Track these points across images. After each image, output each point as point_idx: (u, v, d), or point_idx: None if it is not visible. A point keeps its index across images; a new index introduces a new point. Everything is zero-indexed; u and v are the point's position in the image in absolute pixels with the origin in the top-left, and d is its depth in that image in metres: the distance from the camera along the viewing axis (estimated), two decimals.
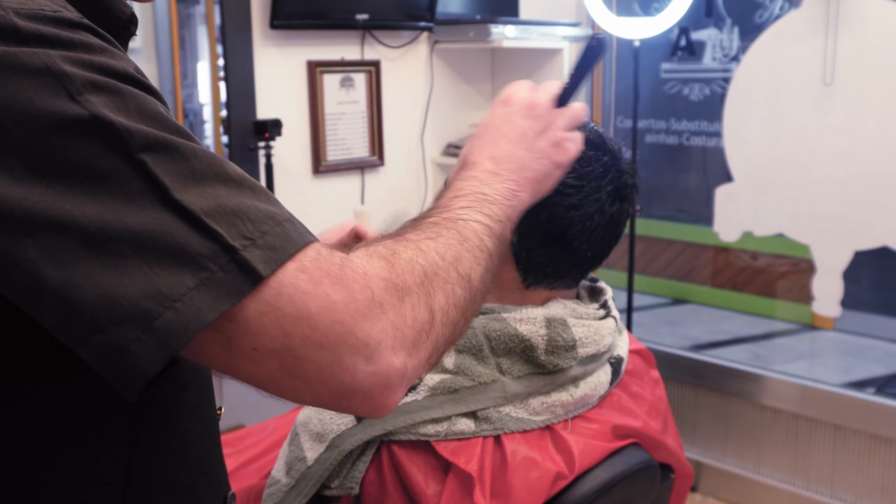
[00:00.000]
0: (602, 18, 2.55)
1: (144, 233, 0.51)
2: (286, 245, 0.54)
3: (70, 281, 0.50)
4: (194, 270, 0.51)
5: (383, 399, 0.57)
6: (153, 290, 0.50)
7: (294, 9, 2.33)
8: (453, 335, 0.65)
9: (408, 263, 0.61)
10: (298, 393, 0.56)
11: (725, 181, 2.68)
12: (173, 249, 0.51)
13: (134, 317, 0.50)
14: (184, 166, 0.53)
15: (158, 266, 0.51)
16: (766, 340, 3.21)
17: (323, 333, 0.54)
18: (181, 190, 0.52)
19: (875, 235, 2.36)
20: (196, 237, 0.52)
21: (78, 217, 0.50)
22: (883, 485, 2.38)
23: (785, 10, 2.58)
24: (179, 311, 0.51)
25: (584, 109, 0.93)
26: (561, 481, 0.96)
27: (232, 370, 0.55)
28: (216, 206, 0.53)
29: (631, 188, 1.06)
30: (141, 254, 0.51)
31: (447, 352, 0.66)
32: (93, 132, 0.51)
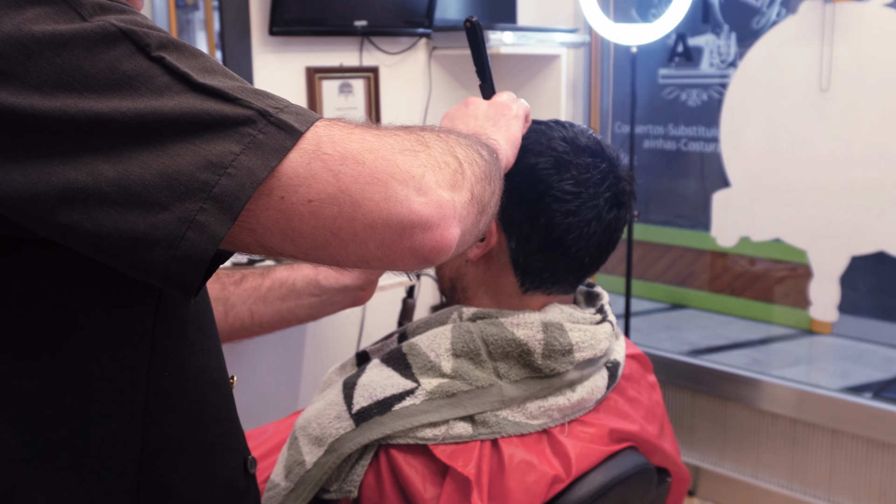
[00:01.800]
0: (599, 24, 2.56)
1: (182, 116, 0.54)
2: (309, 113, 0.58)
3: (127, 170, 0.52)
4: (237, 137, 0.54)
5: (442, 231, 0.58)
6: (204, 162, 0.53)
7: (293, 15, 2.34)
8: (485, 193, 0.66)
9: (420, 132, 0.64)
10: (361, 241, 0.57)
11: (723, 186, 2.69)
12: (213, 123, 0.54)
13: (193, 189, 0.53)
14: (197, 62, 0.56)
15: (202, 141, 0.53)
16: (764, 345, 3.22)
17: (370, 168, 0.56)
18: (202, 77, 0.55)
19: (872, 240, 2.37)
20: (231, 108, 0.55)
21: (116, 116, 0.53)
22: (881, 489, 2.39)
23: (782, 16, 2.60)
24: (233, 175, 0.53)
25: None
26: (558, 485, 0.97)
27: (291, 236, 0.56)
28: (238, 86, 0.56)
29: (628, 195, 1.07)
30: (184, 135, 0.53)
31: (487, 209, 0.68)
32: (112, 40, 0.54)
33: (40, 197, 0.52)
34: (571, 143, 1.04)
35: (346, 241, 0.57)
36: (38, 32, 0.53)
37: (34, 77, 0.52)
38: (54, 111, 0.52)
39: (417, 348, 1.01)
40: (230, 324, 1.08)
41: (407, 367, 1.00)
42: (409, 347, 1.02)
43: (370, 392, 0.98)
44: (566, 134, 1.05)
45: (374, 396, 0.98)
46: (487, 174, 0.68)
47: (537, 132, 1.06)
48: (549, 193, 1.02)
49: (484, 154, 0.70)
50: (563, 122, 1.09)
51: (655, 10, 2.91)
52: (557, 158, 1.03)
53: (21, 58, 0.52)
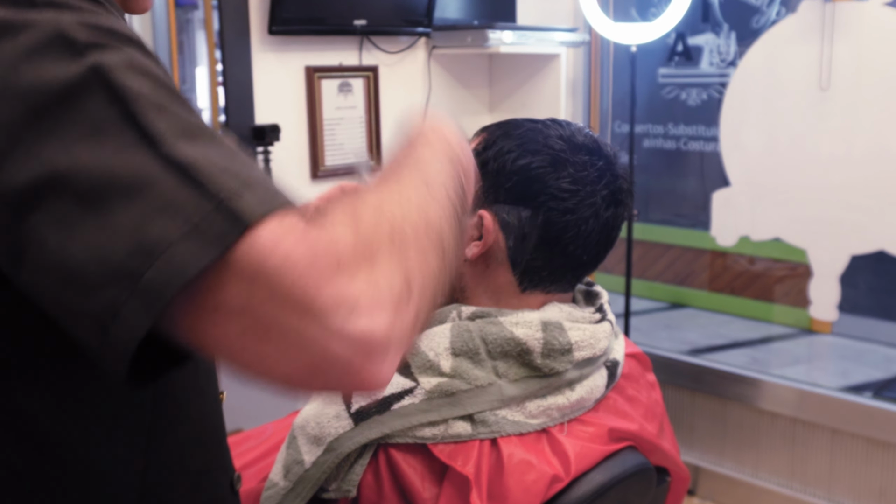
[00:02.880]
0: (599, 24, 2.56)
1: (134, 184, 0.49)
2: (275, 199, 0.51)
3: (65, 243, 0.49)
4: (179, 222, 0.49)
5: (365, 370, 0.50)
6: (138, 245, 0.48)
7: (292, 14, 2.34)
8: (434, 294, 0.58)
9: (373, 226, 0.54)
10: (270, 365, 0.50)
11: (722, 186, 2.69)
12: (160, 200, 0.49)
13: (121, 276, 0.48)
14: (176, 124, 0.52)
15: (145, 218, 0.49)
16: (764, 344, 3.22)
17: (287, 291, 0.48)
18: (173, 143, 0.51)
19: (871, 239, 2.37)
20: (186, 188, 0.50)
21: (71, 170, 0.50)
22: (881, 488, 2.39)
23: (781, 15, 2.59)
24: (161, 269, 0.48)
25: None
26: (557, 484, 0.97)
27: (199, 336, 0.51)
28: (205, 158, 0.51)
29: (626, 193, 1.07)
30: (129, 206, 0.49)
31: (426, 319, 0.58)
32: (93, 87, 0.52)
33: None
34: (568, 141, 1.04)
35: (253, 360, 0.51)
36: (23, 67, 0.51)
37: (4, 111, 0.51)
38: (15, 147, 0.50)
39: (416, 347, 1.01)
40: None
41: (405, 366, 1.00)
42: None
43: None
44: (563, 132, 1.05)
45: (373, 395, 0.98)
46: (450, 242, 0.60)
47: (534, 130, 1.06)
48: (545, 192, 1.01)
49: (450, 215, 0.62)
50: (560, 121, 1.08)
51: (655, 10, 2.91)
52: (554, 157, 1.02)
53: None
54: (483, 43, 2.51)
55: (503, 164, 1.04)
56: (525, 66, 2.82)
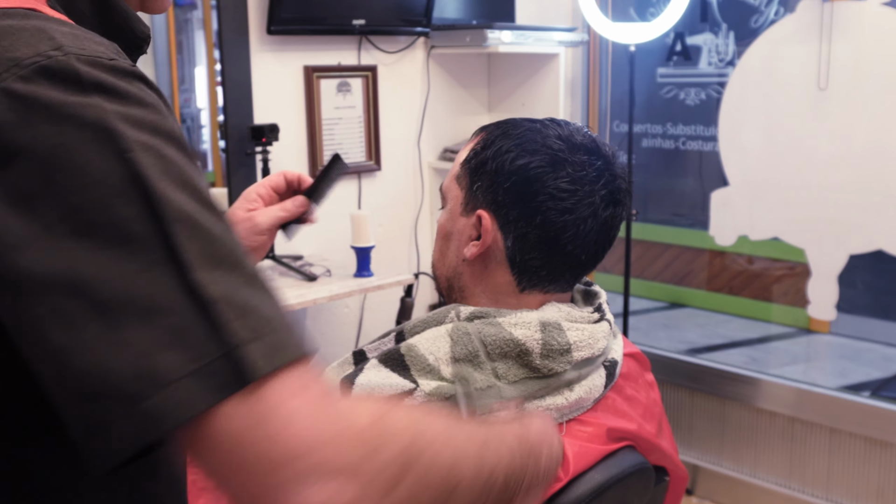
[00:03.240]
0: (598, 23, 2.56)
1: (153, 307, 0.50)
2: (286, 349, 0.52)
3: (70, 346, 0.50)
4: (188, 357, 0.50)
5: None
6: (144, 371, 0.49)
7: (291, 14, 2.34)
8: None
9: (395, 436, 0.54)
10: (239, 496, 0.51)
11: (721, 185, 2.69)
12: (174, 331, 0.50)
13: (120, 397, 0.49)
14: (207, 247, 0.53)
15: (156, 345, 0.50)
16: (762, 344, 3.22)
17: (286, 452, 0.50)
18: (200, 269, 0.52)
19: (869, 239, 2.37)
20: (203, 324, 0.51)
21: (93, 277, 0.50)
22: (879, 488, 2.39)
23: (780, 15, 2.60)
24: (164, 399, 0.49)
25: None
26: (555, 484, 0.97)
27: (183, 450, 0.52)
28: (229, 295, 0.52)
29: (624, 192, 1.07)
30: (143, 328, 0.50)
31: None
32: (131, 194, 0.52)
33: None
34: (567, 140, 1.04)
35: (222, 486, 0.51)
36: (65, 161, 0.51)
37: (42, 203, 0.51)
38: (41, 244, 0.51)
39: (416, 350, 1.01)
40: None
41: (405, 368, 1.00)
42: (408, 348, 1.02)
43: (368, 392, 0.98)
44: (561, 132, 1.05)
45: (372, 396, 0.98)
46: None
47: (532, 130, 1.06)
48: (544, 191, 1.02)
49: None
50: (559, 120, 1.09)
51: (654, 9, 2.91)
52: (553, 156, 1.03)
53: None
54: (482, 43, 2.51)
55: (502, 163, 1.04)
56: (524, 66, 2.82)
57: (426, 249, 2.81)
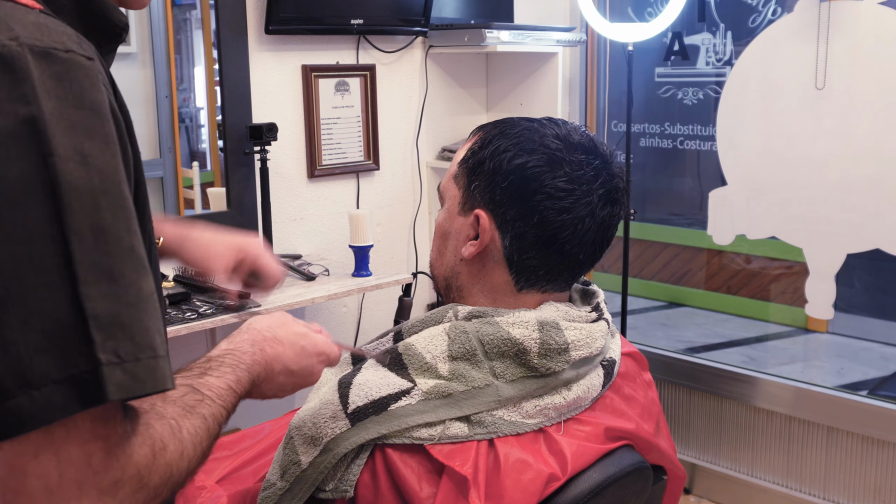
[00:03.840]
0: (596, 23, 2.56)
1: (36, 313, 0.53)
2: (149, 380, 0.57)
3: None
4: (62, 366, 0.53)
5: None
6: (19, 371, 0.52)
7: (289, 14, 2.34)
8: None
9: (165, 467, 0.63)
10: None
11: (719, 184, 2.69)
12: (54, 338, 0.53)
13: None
14: (105, 261, 0.56)
15: (34, 347, 0.53)
16: (760, 343, 3.22)
17: (61, 484, 0.55)
18: (90, 284, 0.55)
19: (867, 238, 2.38)
20: (77, 337, 0.54)
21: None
22: (876, 486, 2.40)
23: (778, 14, 2.60)
24: (35, 399, 0.53)
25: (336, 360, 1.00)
26: (554, 483, 0.97)
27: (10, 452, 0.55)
28: (110, 314, 0.55)
29: (622, 192, 1.07)
30: (25, 331, 0.53)
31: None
32: (43, 197, 0.54)
33: None
34: (564, 140, 1.04)
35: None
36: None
37: None
38: None
39: (413, 349, 1.01)
40: None
41: (403, 367, 1.00)
42: (405, 348, 1.02)
43: (366, 391, 0.98)
44: (559, 131, 1.05)
45: (370, 396, 0.98)
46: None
47: (530, 130, 1.06)
48: (542, 191, 1.02)
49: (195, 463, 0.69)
50: (556, 120, 1.09)
51: (651, 9, 2.91)
52: (550, 156, 1.03)
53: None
54: (480, 42, 2.51)
55: (499, 163, 1.04)
56: (522, 66, 2.83)
57: (424, 249, 2.81)
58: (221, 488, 1.19)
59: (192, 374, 0.76)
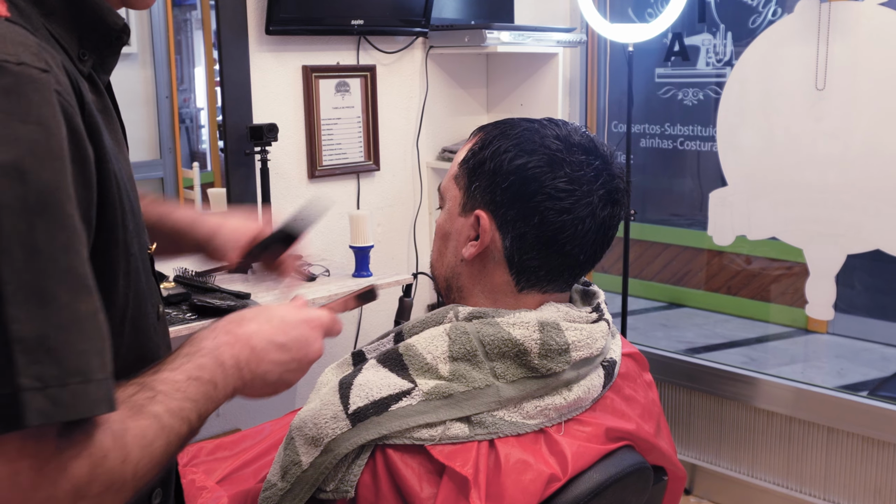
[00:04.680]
0: (596, 23, 2.56)
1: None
2: (76, 405, 0.56)
3: None
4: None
5: None
6: None
7: (289, 14, 2.34)
8: None
9: (105, 475, 0.62)
10: None
11: (719, 185, 2.70)
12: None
13: None
14: (38, 281, 0.55)
15: None
16: (761, 344, 3.22)
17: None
18: (17, 305, 0.54)
19: (867, 239, 2.38)
20: (1, 357, 0.53)
21: None
22: (876, 487, 2.40)
23: (778, 15, 2.60)
24: None
25: (337, 327, 0.94)
26: (554, 483, 0.97)
27: None
28: (37, 336, 0.54)
29: (622, 192, 1.07)
30: None
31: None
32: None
33: None
34: (564, 140, 1.04)
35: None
36: None
37: None
38: None
39: (414, 349, 1.02)
40: None
41: (403, 368, 1.01)
42: (406, 348, 1.02)
43: (367, 392, 0.99)
44: (559, 132, 1.05)
45: (371, 396, 0.98)
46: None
47: (530, 130, 1.06)
48: (542, 191, 1.02)
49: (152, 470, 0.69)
50: (556, 120, 1.09)
51: (651, 10, 2.91)
52: (550, 156, 1.03)
53: None
54: (480, 43, 2.51)
55: (500, 163, 1.04)
56: (522, 66, 2.83)
57: (425, 249, 2.81)
58: (222, 489, 1.19)
59: (146, 372, 0.72)
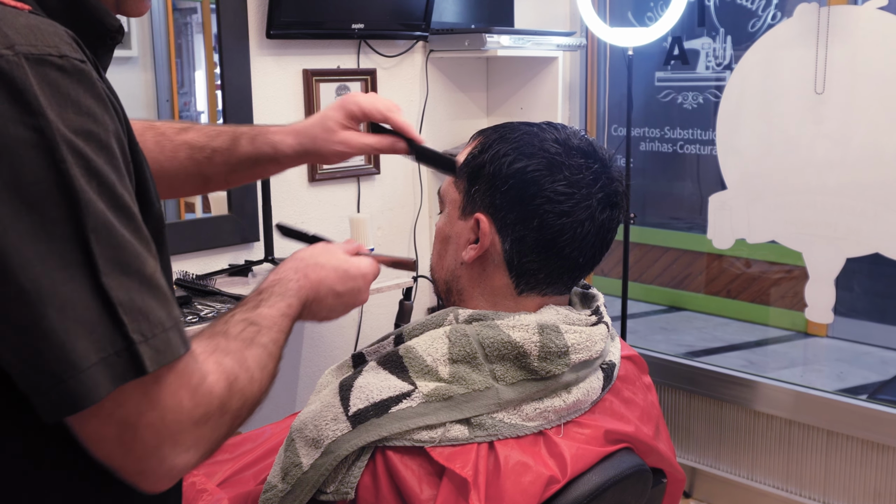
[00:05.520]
0: (596, 27, 2.57)
1: (68, 303, 0.60)
2: (167, 351, 0.65)
3: (4, 332, 0.60)
4: (96, 349, 0.61)
5: (160, 485, 0.69)
6: (64, 356, 0.60)
7: (290, 18, 2.35)
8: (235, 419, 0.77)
9: (239, 393, 0.75)
10: (111, 453, 0.66)
11: (719, 189, 2.70)
12: (87, 325, 0.61)
13: (48, 373, 0.60)
14: (116, 254, 0.63)
15: (73, 335, 0.60)
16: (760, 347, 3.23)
17: (165, 425, 0.66)
18: (109, 275, 0.62)
19: (867, 242, 2.38)
20: (107, 321, 0.62)
21: (20, 268, 0.59)
22: (876, 490, 2.40)
23: (777, 19, 2.61)
24: (82, 381, 0.60)
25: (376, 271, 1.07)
26: (553, 485, 0.97)
27: (76, 423, 0.64)
28: (129, 300, 0.63)
29: (621, 195, 1.08)
30: (63, 320, 0.60)
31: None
32: (59, 199, 0.60)
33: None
34: (563, 144, 1.05)
35: (103, 450, 0.66)
36: (5, 161, 0.59)
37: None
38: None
39: (414, 352, 1.02)
40: (211, 187, 1.23)
41: (403, 370, 1.01)
42: (406, 350, 1.03)
43: (367, 394, 0.99)
44: (558, 135, 1.06)
45: (371, 398, 0.98)
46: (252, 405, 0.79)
47: (529, 134, 1.06)
48: (541, 195, 1.02)
49: (266, 384, 0.82)
50: (555, 124, 1.09)
51: (651, 14, 2.92)
52: (550, 160, 1.03)
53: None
54: (480, 47, 2.52)
55: (499, 167, 1.05)
56: (522, 70, 2.83)
57: (425, 252, 2.82)
58: (223, 491, 1.19)
59: (248, 307, 0.87)
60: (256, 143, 1.16)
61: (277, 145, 1.15)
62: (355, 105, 1.12)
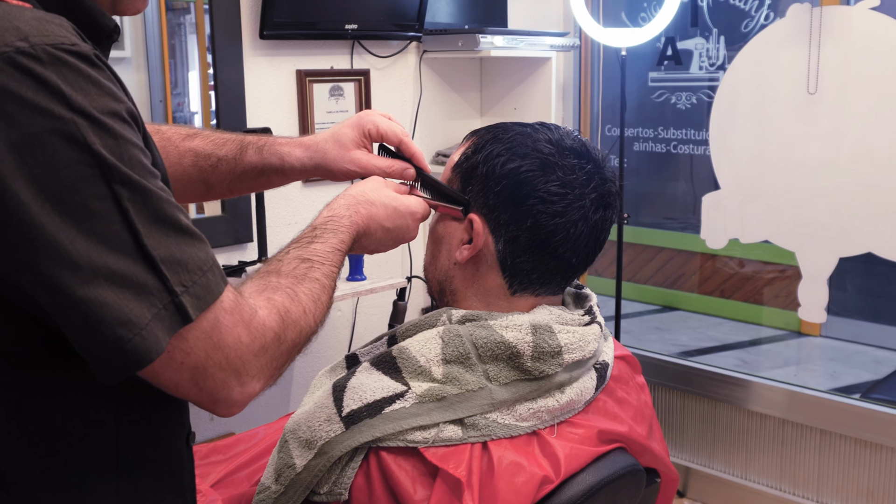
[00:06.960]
0: (589, 28, 2.57)
1: (118, 272, 0.66)
2: (207, 295, 0.71)
3: (60, 302, 0.65)
4: (148, 306, 0.67)
5: (235, 410, 0.77)
6: (123, 319, 0.66)
7: (283, 19, 2.35)
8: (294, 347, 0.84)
9: (293, 324, 0.81)
10: (188, 393, 0.73)
11: (712, 189, 2.71)
12: (137, 287, 0.67)
13: (111, 338, 0.66)
14: (152, 213, 0.68)
15: (125, 299, 0.66)
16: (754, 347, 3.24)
17: (229, 361, 0.73)
18: (147, 235, 0.67)
19: (860, 242, 2.39)
20: (153, 280, 0.68)
21: (68, 248, 0.64)
22: (869, 489, 2.41)
23: (770, 19, 2.61)
24: (145, 337, 0.67)
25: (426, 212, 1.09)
26: (547, 485, 0.97)
27: (152, 374, 0.70)
28: (168, 254, 0.69)
29: (614, 196, 1.08)
30: (113, 287, 0.66)
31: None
32: (94, 177, 0.65)
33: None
34: (557, 144, 1.05)
35: (180, 388, 0.73)
36: (39, 145, 0.63)
37: (28, 180, 0.64)
38: (43, 222, 0.64)
39: (407, 352, 1.02)
40: (212, 196, 1.24)
41: (397, 371, 1.01)
42: (399, 351, 1.03)
43: (360, 395, 0.99)
44: (551, 136, 1.06)
45: (364, 399, 0.98)
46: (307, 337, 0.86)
47: (522, 135, 1.06)
48: (535, 195, 1.02)
49: (322, 314, 0.89)
50: (549, 125, 1.09)
51: (644, 14, 2.92)
52: (543, 160, 1.03)
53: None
54: (474, 47, 2.52)
55: (492, 167, 1.05)
56: (516, 70, 2.84)
57: (419, 253, 2.81)
58: (216, 492, 1.19)
59: (302, 244, 0.93)
60: (263, 153, 1.16)
61: (285, 157, 1.15)
62: (372, 125, 1.12)
